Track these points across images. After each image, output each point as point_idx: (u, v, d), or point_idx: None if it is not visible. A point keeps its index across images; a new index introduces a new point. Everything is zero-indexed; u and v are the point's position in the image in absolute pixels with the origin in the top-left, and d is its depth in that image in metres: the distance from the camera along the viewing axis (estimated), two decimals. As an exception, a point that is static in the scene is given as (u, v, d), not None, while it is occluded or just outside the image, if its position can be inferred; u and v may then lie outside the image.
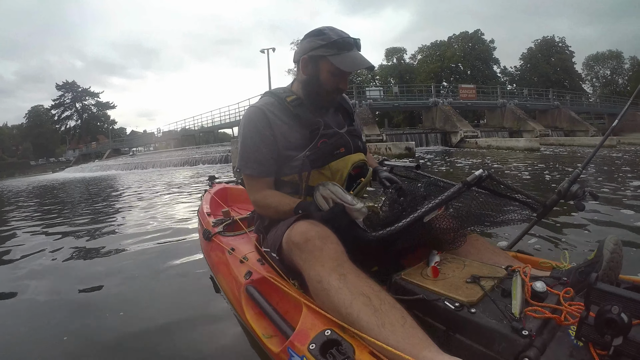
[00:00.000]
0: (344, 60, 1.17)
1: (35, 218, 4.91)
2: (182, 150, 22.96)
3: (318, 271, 0.93)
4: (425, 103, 21.84)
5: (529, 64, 39.61)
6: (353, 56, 1.19)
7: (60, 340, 1.45)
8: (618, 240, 0.94)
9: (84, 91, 49.37)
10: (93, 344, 1.42)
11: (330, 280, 0.90)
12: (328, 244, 0.97)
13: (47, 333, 1.52)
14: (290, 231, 1.04)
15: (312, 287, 0.94)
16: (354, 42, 1.21)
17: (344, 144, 1.27)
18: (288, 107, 1.26)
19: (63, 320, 1.64)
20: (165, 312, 1.63)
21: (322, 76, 1.22)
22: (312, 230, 0.99)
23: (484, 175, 0.97)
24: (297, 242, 0.99)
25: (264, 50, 22.22)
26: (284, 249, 1.08)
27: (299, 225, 1.03)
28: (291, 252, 1.02)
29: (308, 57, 1.22)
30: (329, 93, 1.25)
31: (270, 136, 1.23)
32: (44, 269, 2.41)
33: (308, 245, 0.97)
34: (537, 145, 13.13)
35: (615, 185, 3.95)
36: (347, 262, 0.95)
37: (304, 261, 0.97)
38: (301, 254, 0.98)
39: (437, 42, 39.56)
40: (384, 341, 0.77)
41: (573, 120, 23.33)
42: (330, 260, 0.94)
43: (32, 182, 17.91)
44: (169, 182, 9.27)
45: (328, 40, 1.18)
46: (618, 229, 2.36)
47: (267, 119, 1.23)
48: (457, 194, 0.98)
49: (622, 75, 42.25)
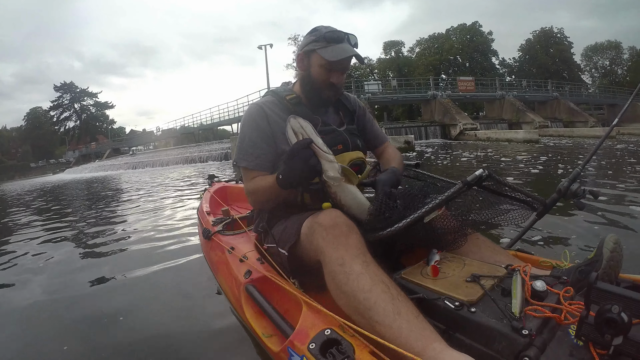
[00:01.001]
0: (332, 51, 1.19)
1: (35, 220, 4.91)
2: (181, 149, 22.93)
3: (342, 254, 0.93)
4: (424, 96, 21.82)
5: (527, 55, 39.41)
6: (341, 47, 1.19)
7: (60, 339, 1.46)
8: (618, 239, 0.94)
9: (82, 92, 49.22)
10: (92, 343, 1.42)
11: (353, 264, 0.91)
12: (354, 233, 0.98)
13: (48, 334, 1.53)
14: (317, 216, 1.04)
15: (331, 269, 0.94)
16: (344, 35, 1.22)
17: (341, 141, 1.29)
18: (287, 105, 1.29)
19: (63, 320, 1.64)
20: (164, 312, 1.64)
21: (313, 70, 1.24)
22: (340, 218, 1.01)
23: (484, 175, 0.96)
24: (325, 225, 0.99)
25: (262, 46, 22.20)
26: (302, 234, 1.07)
27: (327, 211, 1.04)
28: (314, 234, 1.02)
29: (302, 53, 1.26)
30: (322, 88, 1.26)
31: (267, 131, 1.26)
32: (43, 270, 2.41)
33: (335, 230, 0.97)
34: (537, 137, 13.12)
35: (616, 182, 3.94)
36: (369, 253, 0.96)
37: (328, 242, 0.97)
38: (326, 236, 0.98)
39: (435, 34, 39.39)
40: (397, 329, 0.78)
41: (572, 111, 23.28)
42: (354, 247, 0.95)
43: (33, 185, 17.90)
44: (169, 180, 9.27)
45: (318, 35, 1.21)
46: (618, 228, 2.36)
47: (266, 115, 1.27)
48: (457, 193, 0.97)
49: (621, 65, 42.01)
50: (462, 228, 1.11)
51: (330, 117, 1.35)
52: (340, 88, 1.30)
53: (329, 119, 1.34)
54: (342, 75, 1.28)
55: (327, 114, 1.36)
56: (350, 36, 1.24)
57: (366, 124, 1.47)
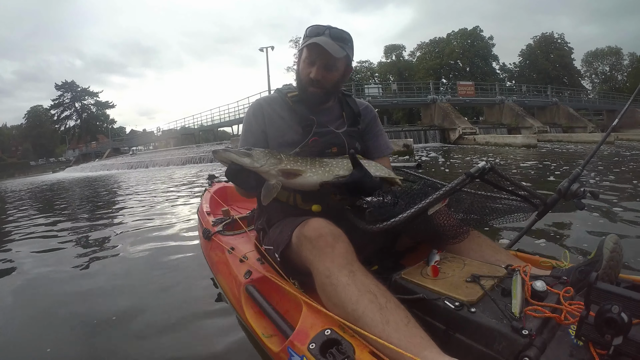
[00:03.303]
0: (309, 42, 1.19)
1: (34, 218, 4.89)
2: (182, 149, 22.91)
3: (328, 266, 0.94)
4: (424, 100, 21.84)
5: (528, 61, 39.54)
6: (316, 39, 1.19)
7: (61, 341, 1.46)
8: (618, 239, 0.94)
9: (83, 91, 49.14)
10: (92, 344, 1.42)
11: (340, 276, 0.91)
12: (340, 242, 0.98)
13: (47, 335, 1.52)
14: (303, 227, 1.05)
15: (320, 281, 0.94)
16: (324, 29, 1.21)
17: (337, 143, 1.27)
18: (288, 102, 1.31)
19: (62, 320, 1.64)
20: (164, 312, 1.63)
21: (300, 66, 1.27)
22: (325, 228, 1.01)
23: (487, 168, 0.97)
24: (310, 237, 1.00)
25: (263, 48, 22.17)
26: (293, 244, 1.08)
27: (312, 221, 1.04)
28: (301, 246, 1.03)
29: (298, 52, 1.29)
30: (305, 84, 1.26)
31: (258, 128, 1.30)
32: (42, 270, 2.40)
33: (320, 241, 0.98)
34: (535, 142, 13.19)
35: (615, 184, 3.95)
36: (357, 261, 0.96)
37: (315, 256, 0.97)
38: (312, 249, 0.98)
39: (436, 39, 39.49)
40: (386, 339, 0.78)
41: (571, 116, 23.34)
42: (340, 257, 0.95)
43: (33, 183, 17.86)
44: (169, 180, 9.26)
45: (306, 31, 1.23)
46: (618, 228, 2.36)
47: (262, 112, 1.31)
48: (461, 185, 0.97)
49: (622, 71, 42.16)
50: (464, 220, 1.11)
51: (330, 118, 1.33)
52: (324, 85, 1.25)
53: (329, 120, 1.32)
54: (323, 70, 1.22)
55: (328, 114, 1.34)
56: (332, 30, 1.21)
57: (371, 131, 1.42)
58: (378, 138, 1.43)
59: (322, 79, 1.23)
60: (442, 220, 1.07)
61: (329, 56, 1.18)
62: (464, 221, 1.11)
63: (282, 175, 1.09)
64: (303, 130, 1.26)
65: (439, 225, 1.06)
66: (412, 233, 1.15)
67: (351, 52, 1.27)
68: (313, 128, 1.26)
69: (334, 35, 1.20)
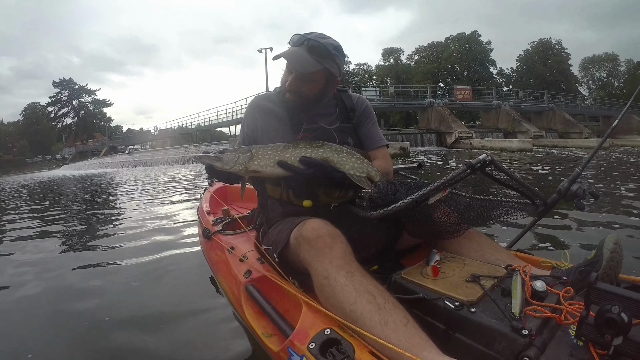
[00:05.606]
0: (283, 53, 1.21)
1: (31, 218, 4.86)
2: (178, 149, 22.84)
3: (326, 267, 0.94)
4: (421, 104, 21.96)
5: (525, 66, 39.81)
6: (289, 50, 1.21)
7: (61, 342, 1.45)
8: (618, 239, 0.95)
9: (81, 88, 48.84)
10: (92, 344, 1.41)
11: (338, 277, 0.91)
12: (338, 242, 0.98)
13: (46, 336, 1.51)
14: (302, 227, 1.05)
15: (318, 282, 0.94)
16: (302, 39, 1.21)
17: (326, 139, 1.25)
18: (282, 98, 1.32)
19: (62, 319, 1.63)
20: (164, 312, 1.63)
21: (283, 74, 1.30)
22: (323, 228, 1.01)
23: (488, 160, 0.98)
24: (308, 238, 1.00)
25: (262, 50, 22.20)
26: (291, 245, 1.08)
27: (311, 222, 1.05)
28: (299, 247, 1.03)
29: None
30: (283, 90, 1.29)
31: (250, 126, 1.35)
32: (41, 270, 2.37)
33: (318, 242, 0.98)
34: (530, 146, 13.37)
35: (614, 185, 3.98)
36: (355, 262, 0.96)
37: (313, 256, 0.97)
38: (310, 250, 0.99)
39: (434, 42, 39.68)
40: (385, 339, 0.78)
41: (567, 122, 23.53)
42: (338, 258, 0.95)
43: (30, 180, 17.72)
44: (167, 180, 9.23)
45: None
46: (618, 228, 2.38)
47: (257, 108, 1.36)
48: (462, 176, 0.98)
49: (618, 77, 42.55)
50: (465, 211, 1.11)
51: (323, 114, 1.34)
52: (302, 94, 1.25)
53: (321, 116, 1.33)
54: (299, 81, 1.23)
55: (322, 111, 1.34)
56: (312, 42, 1.19)
57: (363, 123, 1.40)
58: (370, 129, 1.41)
59: (297, 89, 1.25)
60: (442, 217, 1.07)
61: (302, 68, 1.19)
62: (463, 218, 1.11)
63: (249, 174, 1.16)
64: (292, 126, 1.29)
65: (438, 222, 1.07)
66: (411, 226, 1.15)
67: (335, 65, 1.23)
68: (303, 125, 1.28)
69: (311, 48, 1.18)
